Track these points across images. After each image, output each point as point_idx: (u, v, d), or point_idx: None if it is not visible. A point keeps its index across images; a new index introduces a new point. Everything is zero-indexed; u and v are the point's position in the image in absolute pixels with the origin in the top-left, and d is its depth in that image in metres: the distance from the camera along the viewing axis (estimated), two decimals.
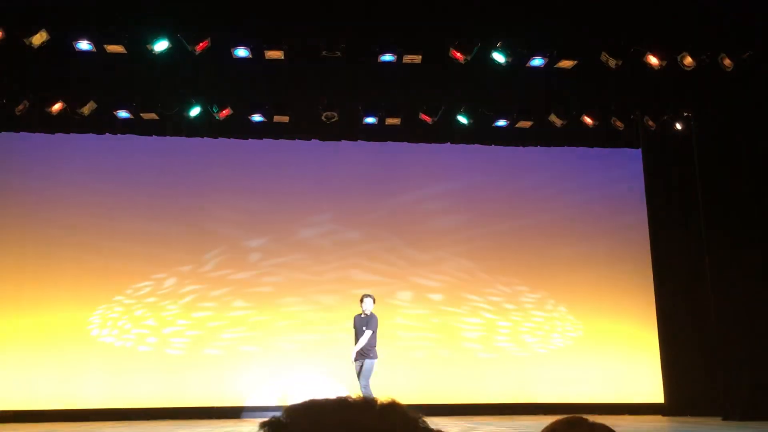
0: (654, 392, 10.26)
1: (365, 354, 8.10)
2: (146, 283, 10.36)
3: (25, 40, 8.02)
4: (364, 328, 8.13)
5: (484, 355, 10.71)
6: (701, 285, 9.92)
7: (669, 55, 8.77)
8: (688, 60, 8.75)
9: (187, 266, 10.48)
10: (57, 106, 9.45)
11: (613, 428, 1.65)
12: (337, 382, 9.99)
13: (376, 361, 8.14)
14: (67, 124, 10.02)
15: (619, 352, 10.63)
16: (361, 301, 8.25)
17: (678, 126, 10.29)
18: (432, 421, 0.89)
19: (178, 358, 10.19)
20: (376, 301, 8.33)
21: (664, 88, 9.58)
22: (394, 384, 10.10)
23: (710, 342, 9.59)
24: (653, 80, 9.29)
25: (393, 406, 0.75)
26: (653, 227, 10.71)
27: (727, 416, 8.96)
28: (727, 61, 8.73)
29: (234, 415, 9.94)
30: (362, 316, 8.24)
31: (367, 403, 0.75)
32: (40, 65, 8.78)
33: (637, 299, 10.73)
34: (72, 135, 10.30)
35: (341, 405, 0.76)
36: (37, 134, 10.25)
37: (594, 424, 1.64)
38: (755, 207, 9.35)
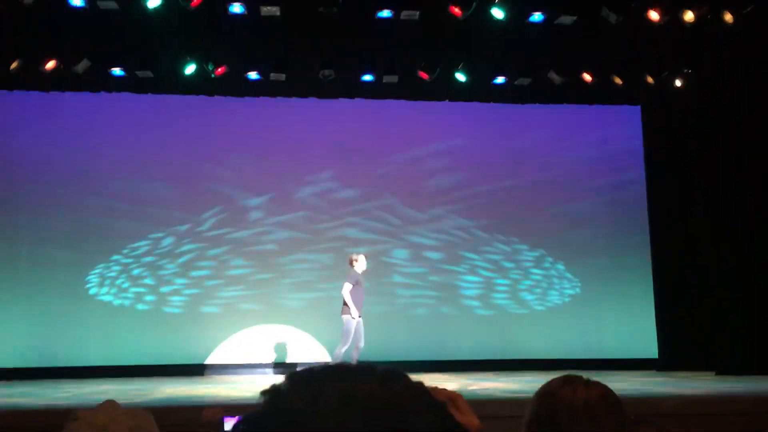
0: (649, 349, 10.38)
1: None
2: (143, 242, 10.38)
3: None
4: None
5: (483, 313, 10.81)
6: (698, 242, 9.97)
7: (670, 11, 8.66)
8: (689, 15, 8.65)
9: (185, 225, 10.49)
10: (51, 64, 9.34)
11: (607, 384, 1.67)
12: (336, 340, 10.08)
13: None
14: (61, 82, 9.91)
15: (615, 310, 10.72)
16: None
17: (678, 83, 10.21)
18: (430, 377, 0.90)
19: (177, 316, 10.26)
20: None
21: (664, 44, 9.48)
22: (393, 341, 10.22)
23: (705, 298, 9.68)
24: (654, 36, 9.19)
25: (394, 374, 0.75)
26: (651, 184, 10.72)
27: (720, 371, 9.09)
28: (728, 16, 8.62)
29: (232, 372, 10.06)
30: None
31: (369, 371, 0.75)
32: (33, 23, 8.66)
33: (634, 257, 10.79)
34: (66, 93, 10.20)
35: (342, 372, 0.76)
36: (31, 92, 10.15)
37: (589, 381, 1.66)
38: (755, 163, 9.34)
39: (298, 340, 10.31)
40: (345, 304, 8.70)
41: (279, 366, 10.20)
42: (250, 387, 8.17)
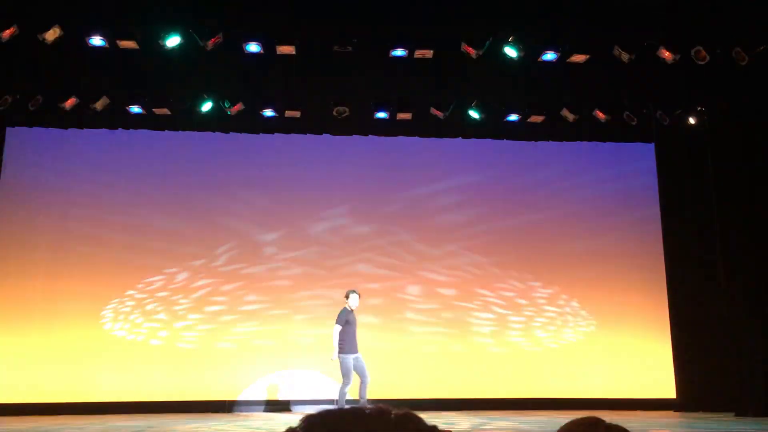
0: (666, 388, 10.22)
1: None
2: (158, 277, 10.42)
3: (38, 36, 8.06)
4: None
5: (496, 350, 10.71)
6: (714, 280, 9.87)
7: (682, 49, 8.71)
8: (702, 54, 8.69)
9: (199, 260, 10.53)
10: (70, 102, 9.51)
11: (625, 426, 1.65)
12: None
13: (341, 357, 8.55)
14: (80, 119, 10.09)
15: (631, 348, 10.60)
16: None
17: (691, 120, 10.23)
18: (443, 417, 0.90)
19: (190, 351, 10.25)
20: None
21: (677, 83, 9.52)
22: (405, 378, 10.14)
23: (723, 338, 9.55)
24: (666, 74, 9.23)
25: (408, 416, 0.76)
26: (666, 222, 10.66)
27: (740, 412, 8.92)
28: (740, 55, 8.66)
29: (246, 409, 10.00)
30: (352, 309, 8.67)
31: (383, 413, 0.76)
32: (54, 61, 8.83)
33: (650, 294, 10.70)
34: (85, 130, 10.37)
35: (357, 415, 0.77)
36: (50, 129, 10.32)
37: (610, 426, 1.64)
38: None
39: (311, 377, 10.23)
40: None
41: (293, 403, 10.12)
42: (263, 424, 8.12)
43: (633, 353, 10.57)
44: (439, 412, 9.38)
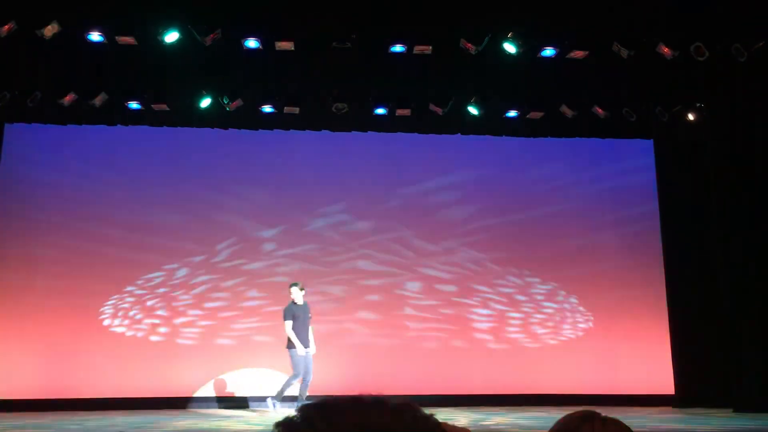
0: (664, 384, 10.24)
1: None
2: (158, 273, 10.42)
3: (36, 32, 8.05)
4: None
5: (495, 346, 10.73)
6: (712, 276, 9.88)
7: (681, 45, 8.71)
8: (701, 50, 8.68)
9: (199, 257, 10.53)
10: (69, 98, 9.50)
11: (624, 421, 1.66)
12: (347, 372, 10.04)
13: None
14: (78, 115, 10.07)
15: (629, 344, 10.61)
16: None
17: (690, 116, 10.23)
18: (442, 412, 0.90)
19: (190, 347, 10.25)
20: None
21: (676, 79, 9.53)
22: (404, 374, 10.15)
23: (721, 334, 9.56)
24: (666, 70, 9.23)
25: (407, 406, 0.76)
26: (664, 218, 10.67)
27: (738, 408, 8.94)
28: (740, 51, 8.66)
29: (245, 405, 10.00)
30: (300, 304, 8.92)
31: (381, 403, 0.76)
32: (52, 57, 8.83)
33: (648, 290, 10.71)
34: (83, 126, 10.35)
35: (355, 404, 0.77)
36: (49, 126, 10.30)
37: (606, 419, 1.64)
38: None
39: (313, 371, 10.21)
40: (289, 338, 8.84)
41: (290, 399, 10.13)
42: (262, 419, 8.13)
43: (631, 349, 10.59)
44: (438, 407, 9.39)
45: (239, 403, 10.05)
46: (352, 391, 0.76)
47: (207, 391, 10.09)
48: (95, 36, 8.34)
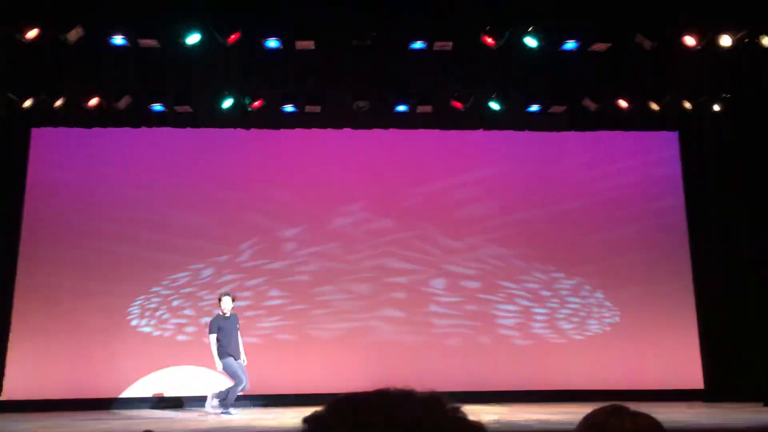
0: (693, 379, 10.12)
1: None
2: (183, 273, 10.51)
3: (61, 37, 8.16)
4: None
5: (521, 342, 10.67)
6: (740, 269, 9.75)
7: (706, 36, 8.59)
8: (726, 40, 8.56)
9: (223, 256, 10.60)
10: (93, 101, 9.62)
11: (653, 416, 1.64)
12: (372, 370, 10.04)
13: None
14: (103, 118, 10.18)
15: (658, 339, 10.50)
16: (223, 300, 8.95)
17: (716, 107, 10.09)
18: (467, 409, 0.90)
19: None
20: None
21: (701, 69, 9.39)
22: (429, 371, 10.14)
23: (751, 327, 9.43)
24: (690, 61, 9.11)
25: (435, 398, 0.76)
26: (690, 211, 10.54)
27: None
28: (765, 41, 8.52)
29: (272, 403, 10.04)
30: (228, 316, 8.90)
31: (409, 395, 0.76)
32: (77, 61, 8.93)
33: (675, 284, 10.59)
34: (108, 129, 10.46)
35: (383, 397, 0.77)
36: (74, 129, 10.42)
37: (636, 413, 1.62)
38: None
39: (331, 370, 10.24)
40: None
41: (313, 398, 10.16)
42: (293, 416, 8.16)
43: (659, 344, 10.47)
44: (464, 404, 9.36)
45: (273, 401, 10.04)
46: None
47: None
48: (118, 39, 8.43)
